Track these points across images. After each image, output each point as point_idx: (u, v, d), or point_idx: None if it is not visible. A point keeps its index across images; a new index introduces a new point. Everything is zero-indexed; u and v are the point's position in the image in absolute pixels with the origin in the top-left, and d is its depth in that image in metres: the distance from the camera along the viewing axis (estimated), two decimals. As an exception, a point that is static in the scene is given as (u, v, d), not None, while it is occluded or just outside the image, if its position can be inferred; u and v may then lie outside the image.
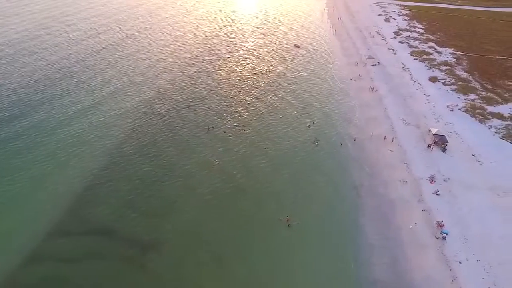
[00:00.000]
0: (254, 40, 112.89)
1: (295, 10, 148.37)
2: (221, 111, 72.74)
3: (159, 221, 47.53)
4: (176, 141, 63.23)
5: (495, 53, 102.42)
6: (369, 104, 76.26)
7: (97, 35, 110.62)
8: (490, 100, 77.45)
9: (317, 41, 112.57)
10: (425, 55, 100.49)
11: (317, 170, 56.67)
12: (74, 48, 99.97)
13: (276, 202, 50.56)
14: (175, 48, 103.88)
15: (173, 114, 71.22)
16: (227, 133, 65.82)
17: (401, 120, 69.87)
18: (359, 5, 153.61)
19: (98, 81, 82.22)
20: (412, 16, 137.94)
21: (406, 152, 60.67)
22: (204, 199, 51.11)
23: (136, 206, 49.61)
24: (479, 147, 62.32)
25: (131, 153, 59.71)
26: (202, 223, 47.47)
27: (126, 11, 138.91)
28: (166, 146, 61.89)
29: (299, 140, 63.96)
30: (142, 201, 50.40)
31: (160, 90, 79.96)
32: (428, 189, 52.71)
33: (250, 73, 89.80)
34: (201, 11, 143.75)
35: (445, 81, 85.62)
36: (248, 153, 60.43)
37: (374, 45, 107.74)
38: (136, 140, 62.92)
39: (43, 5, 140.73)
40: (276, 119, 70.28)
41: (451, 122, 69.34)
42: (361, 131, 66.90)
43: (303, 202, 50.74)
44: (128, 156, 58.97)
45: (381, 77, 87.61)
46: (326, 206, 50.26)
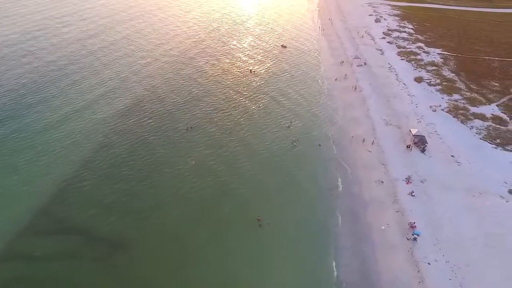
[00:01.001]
0: (242, 41, 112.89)
1: (286, 11, 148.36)
2: (201, 112, 72.73)
3: (133, 221, 47.68)
4: (154, 142, 63.18)
5: (483, 54, 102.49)
6: (351, 104, 76.26)
7: (92, 36, 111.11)
8: (474, 100, 77.48)
9: (305, 41, 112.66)
10: (413, 55, 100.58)
11: (293, 171, 56.65)
12: (68, 49, 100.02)
13: (249, 202, 50.64)
14: (163, 49, 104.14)
15: (153, 115, 71.22)
16: (206, 133, 65.84)
17: (382, 121, 69.88)
18: (350, 5, 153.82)
19: (87, 84, 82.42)
20: (403, 16, 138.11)
21: (385, 152, 60.66)
22: (178, 199, 51.14)
23: (111, 206, 49.79)
24: (459, 147, 62.35)
25: (110, 155, 59.76)
26: (174, 223, 47.60)
27: (122, 11, 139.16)
28: (144, 147, 61.83)
29: (277, 140, 63.94)
30: (117, 202, 50.57)
31: (142, 92, 79.89)
32: (403, 190, 52.68)
33: (234, 74, 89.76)
34: (193, 14, 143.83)
35: (430, 81, 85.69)
36: (225, 154, 60.39)
37: (362, 46, 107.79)
38: (116, 142, 63.01)
39: (41, 6, 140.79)
40: (256, 119, 70.27)
41: (433, 123, 69.37)
42: (341, 131, 66.91)
43: (276, 202, 50.76)
44: (107, 158, 59.01)
45: (366, 77, 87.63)
46: (299, 206, 50.25)
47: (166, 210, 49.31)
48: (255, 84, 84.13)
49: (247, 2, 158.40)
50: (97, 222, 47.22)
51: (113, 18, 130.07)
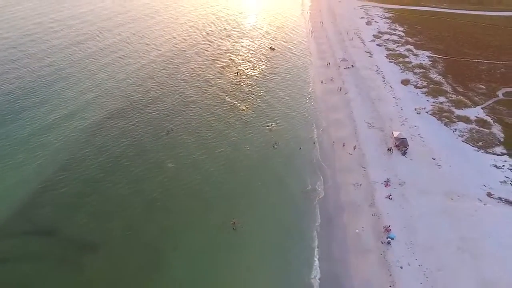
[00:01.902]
0: (232, 43, 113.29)
1: (280, 15, 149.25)
2: (183, 114, 72.88)
3: (103, 223, 47.55)
4: (134, 144, 63.17)
5: (472, 56, 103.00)
6: (336, 107, 76.43)
7: (86, 40, 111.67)
8: (459, 103, 77.70)
9: (294, 44, 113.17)
10: (401, 58, 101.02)
11: (272, 174, 56.66)
12: (59, 55, 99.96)
13: (225, 205, 50.49)
14: (153, 53, 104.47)
15: (135, 118, 71.16)
16: (187, 136, 65.94)
17: (365, 123, 70.02)
18: (343, 8, 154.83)
19: (72, 90, 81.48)
20: (394, 19, 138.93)
21: (365, 155, 60.73)
22: (153, 202, 51.00)
23: (83, 208, 49.72)
24: (441, 150, 62.45)
25: (87, 156, 59.72)
26: (147, 226, 47.35)
27: (117, 16, 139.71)
28: (123, 149, 61.77)
29: (258, 142, 64.00)
30: (90, 203, 50.50)
31: (128, 96, 79.96)
32: (381, 193, 52.69)
33: (220, 76, 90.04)
34: (189, 17, 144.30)
35: (417, 84, 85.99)
36: (204, 156, 60.41)
37: (351, 48, 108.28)
38: (95, 144, 62.96)
39: (34, 11, 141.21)
40: (238, 122, 70.39)
41: (416, 125, 69.54)
42: (322, 134, 67.03)
43: (252, 205, 50.69)
44: (84, 159, 58.94)
45: (352, 79, 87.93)
46: (275, 209, 50.17)
47: (138, 212, 49.14)
48: (239, 87, 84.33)
49: (243, 5, 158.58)
50: (66, 224, 47.26)
51: (106, 22, 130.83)
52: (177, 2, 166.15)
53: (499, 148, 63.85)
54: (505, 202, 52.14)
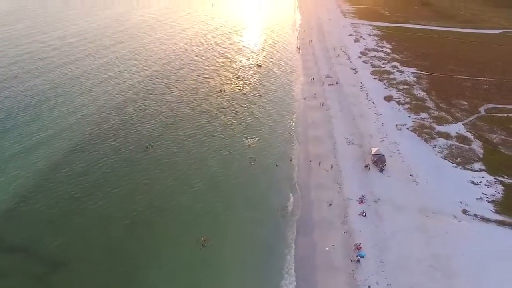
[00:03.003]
0: (220, 60, 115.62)
1: (270, 32, 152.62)
2: (164, 131, 73.84)
3: (75, 239, 47.87)
4: (113, 162, 63.91)
5: (457, 73, 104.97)
6: (316, 123, 77.43)
7: (81, 58, 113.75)
8: (440, 119, 78.77)
9: (281, 60, 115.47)
10: (386, 75, 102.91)
11: (247, 191, 57.10)
12: (53, 73, 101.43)
13: (195, 223, 50.68)
14: (142, 72, 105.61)
15: (117, 135, 72.09)
16: (165, 153, 66.71)
17: (345, 140, 70.81)
18: (332, 26, 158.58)
19: (58, 110, 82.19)
20: (382, 36, 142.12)
21: (342, 172, 61.20)
22: (124, 219, 51.22)
23: (55, 226, 50.13)
24: (419, 166, 63.01)
25: (64, 173, 60.51)
26: (117, 243, 47.59)
27: (114, 34, 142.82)
28: (103, 168, 62.41)
29: (235, 159, 64.63)
30: (63, 221, 50.91)
31: (114, 112, 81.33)
32: (355, 210, 52.88)
33: (204, 93, 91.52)
34: (184, 35, 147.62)
35: (399, 100, 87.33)
36: (180, 173, 60.92)
37: (337, 65, 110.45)
38: (73, 161, 63.77)
39: (31, 29, 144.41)
40: (217, 138, 71.28)
41: (396, 142, 70.34)
42: (301, 150, 67.76)
43: (223, 223, 50.89)
44: (60, 177, 59.66)
45: (335, 96, 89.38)
46: (246, 226, 50.35)
47: (109, 229, 49.48)
48: (222, 104, 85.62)
49: (237, 24, 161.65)
50: (43, 241, 47.54)
51: (103, 40, 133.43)
52: (174, 20, 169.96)
53: (478, 164, 64.43)
54: (480, 219, 52.31)
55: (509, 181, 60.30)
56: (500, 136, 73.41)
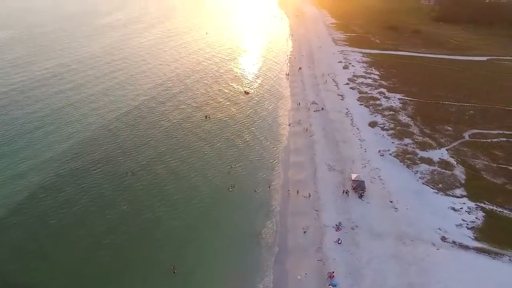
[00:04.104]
0: (212, 87, 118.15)
1: (260, 59, 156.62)
2: (147, 157, 75.10)
3: (42, 265, 48.25)
4: (93, 187, 64.98)
5: (444, 99, 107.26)
6: (299, 149, 78.67)
7: (77, 87, 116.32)
8: (424, 145, 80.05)
9: (269, 87, 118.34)
10: (372, 101, 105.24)
11: (221, 217, 57.73)
12: (46, 101, 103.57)
13: (167, 250, 51.02)
14: (137, 100, 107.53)
15: (99, 160, 73.31)
16: (146, 179, 67.88)
17: (326, 166, 71.71)
18: (323, 53, 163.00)
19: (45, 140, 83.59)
20: (371, 63, 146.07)
21: (321, 198, 61.71)
22: (95, 245, 51.69)
23: (25, 250, 50.59)
24: (399, 193, 63.61)
25: (39, 196, 61.71)
26: (85, 270, 47.75)
27: (112, 61, 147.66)
28: (81, 191, 63.52)
29: (214, 185, 65.55)
30: (33, 246, 51.43)
31: (103, 137, 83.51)
32: (331, 237, 52.99)
33: (189, 119, 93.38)
34: (178, 64, 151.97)
35: (384, 126, 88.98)
36: (158, 198, 62.06)
37: (324, 91, 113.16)
38: (49, 185, 64.86)
39: (26, 58, 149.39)
40: (198, 164, 72.47)
41: (378, 168, 71.21)
42: (280, 177, 68.60)
43: (196, 250, 51.18)
44: (34, 199, 60.84)
45: (320, 122, 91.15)
46: (220, 254, 50.60)
47: (77, 255, 50.04)
48: (206, 130, 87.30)
49: (234, 52, 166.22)
50: (3, 266, 47.86)
51: (95, 70, 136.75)
52: (173, 48, 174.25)
53: (459, 190, 65.04)
54: (458, 246, 52.41)
55: (490, 207, 60.77)
56: (483, 161, 74.43)
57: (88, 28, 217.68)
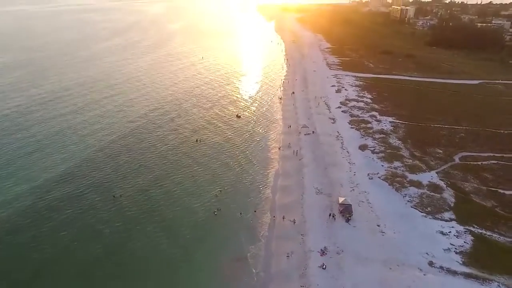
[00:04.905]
0: (202, 110, 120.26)
1: (255, 84, 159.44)
2: (135, 181, 75.56)
3: None
4: (78, 211, 65.09)
5: (435, 122, 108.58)
6: (287, 173, 78.97)
7: (71, 112, 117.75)
8: (413, 168, 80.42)
9: (261, 111, 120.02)
10: (363, 124, 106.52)
11: (206, 241, 57.36)
12: (40, 127, 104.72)
13: (151, 273, 50.48)
14: (131, 124, 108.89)
15: (86, 185, 73.68)
16: (132, 202, 67.99)
17: (314, 189, 71.80)
18: (316, 76, 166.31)
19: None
20: (364, 87, 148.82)
21: (307, 222, 61.47)
22: (81, 270, 51.41)
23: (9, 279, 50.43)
24: (387, 216, 63.41)
25: (17, 225, 61.24)
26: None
27: (107, 87, 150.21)
28: (66, 215, 63.60)
29: (200, 209, 65.62)
30: (17, 276, 50.96)
31: (88, 160, 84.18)
32: (315, 262, 52.46)
33: (179, 143, 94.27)
34: (176, 88, 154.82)
35: (374, 149, 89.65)
36: (141, 222, 61.94)
37: (316, 115, 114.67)
38: (40, 211, 65.03)
39: (22, 83, 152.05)
40: (185, 188, 72.78)
41: (366, 191, 71.25)
42: (267, 201, 68.61)
43: (180, 274, 50.65)
44: (20, 227, 60.76)
45: (310, 145, 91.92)
46: (200, 279, 49.82)
47: (52, 280, 49.79)
48: (196, 153, 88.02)
49: (226, 78, 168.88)
50: None
51: (93, 95, 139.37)
52: (172, 72, 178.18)
53: (448, 213, 64.87)
54: (446, 271, 51.76)
55: (479, 231, 60.41)
56: (472, 184, 74.61)
57: (87, 52, 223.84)
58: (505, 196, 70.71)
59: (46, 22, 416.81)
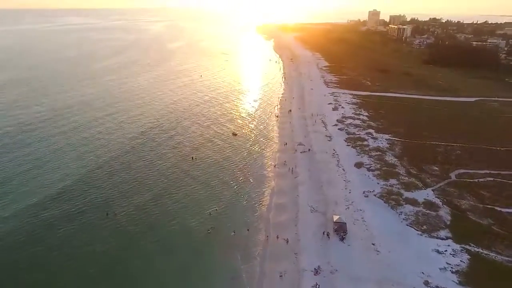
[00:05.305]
0: (198, 128, 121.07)
1: (252, 102, 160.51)
2: (130, 198, 75.54)
3: None
4: (71, 228, 65.06)
5: (431, 139, 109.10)
6: (282, 191, 78.91)
7: (69, 130, 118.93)
8: (409, 185, 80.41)
9: (258, 129, 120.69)
10: (360, 141, 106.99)
11: (198, 260, 57.03)
12: (36, 145, 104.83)
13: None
14: (128, 143, 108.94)
15: (80, 202, 73.88)
16: (127, 220, 67.97)
17: (309, 207, 71.60)
18: (314, 95, 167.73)
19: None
20: (361, 104, 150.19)
21: (301, 241, 61.09)
22: None
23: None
24: (382, 235, 63.04)
25: (11, 243, 61.02)
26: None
27: (107, 106, 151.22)
28: (58, 234, 63.36)
29: (193, 227, 65.55)
30: None
31: (86, 178, 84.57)
32: (308, 282, 51.92)
33: (175, 160, 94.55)
34: (174, 107, 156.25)
35: (370, 167, 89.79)
36: (137, 241, 61.99)
37: (313, 132, 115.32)
38: (20, 229, 64.55)
39: (21, 101, 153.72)
40: (181, 206, 72.88)
41: (362, 209, 71.04)
42: (260, 219, 68.36)
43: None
44: (7, 247, 60.26)
45: (306, 163, 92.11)
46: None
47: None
48: (192, 171, 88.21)
49: (224, 96, 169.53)
50: None
51: (91, 113, 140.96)
52: (172, 90, 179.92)
53: (444, 232, 64.50)
54: (442, 291, 51.03)
55: (475, 250, 59.98)
56: (469, 202, 74.46)
57: (88, 70, 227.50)
58: (502, 214, 70.50)
59: (48, 41, 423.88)
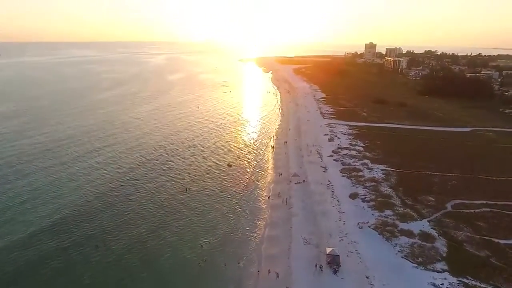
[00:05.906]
0: (194, 160, 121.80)
1: (249, 133, 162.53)
2: (120, 231, 74.93)
3: None
4: (59, 260, 64.51)
5: (427, 169, 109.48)
6: (276, 222, 78.36)
7: (67, 161, 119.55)
8: (405, 216, 79.93)
9: (253, 160, 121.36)
10: (355, 172, 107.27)
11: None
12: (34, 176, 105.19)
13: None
14: (124, 175, 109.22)
15: (73, 234, 73.30)
16: (119, 252, 67.25)
17: (302, 239, 70.87)
18: (310, 126, 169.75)
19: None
20: (357, 135, 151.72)
21: (293, 274, 60.08)
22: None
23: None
24: (377, 267, 62.09)
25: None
26: None
27: (105, 136, 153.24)
28: (46, 264, 62.94)
29: (184, 261, 64.60)
30: None
31: (83, 209, 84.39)
32: (300, 318, 50.43)
33: (168, 193, 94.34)
34: (173, 139, 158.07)
35: (365, 198, 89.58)
36: (129, 275, 60.93)
37: (308, 163, 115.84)
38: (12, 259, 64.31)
39: (18, 134, 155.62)
40: (171, 238, 72.11)
41: (356, 241, 70.28)
42: (252, 252, 67.49)
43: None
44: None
45: (300, 194, 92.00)
46: None
47: None
48: (185, 203, 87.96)
49: (223, 128, 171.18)
50: None
51: (89, 144, 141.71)
52: (171, 121, 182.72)
53: (440, 264, 63.49)
54: (438, 327, 49.60)
55: (473, 283, 58.81)
56: (465, 233, 73.73)
57: (89, 101, 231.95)
58: (500, 246, 69.60)
59: (50, 72, 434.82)
